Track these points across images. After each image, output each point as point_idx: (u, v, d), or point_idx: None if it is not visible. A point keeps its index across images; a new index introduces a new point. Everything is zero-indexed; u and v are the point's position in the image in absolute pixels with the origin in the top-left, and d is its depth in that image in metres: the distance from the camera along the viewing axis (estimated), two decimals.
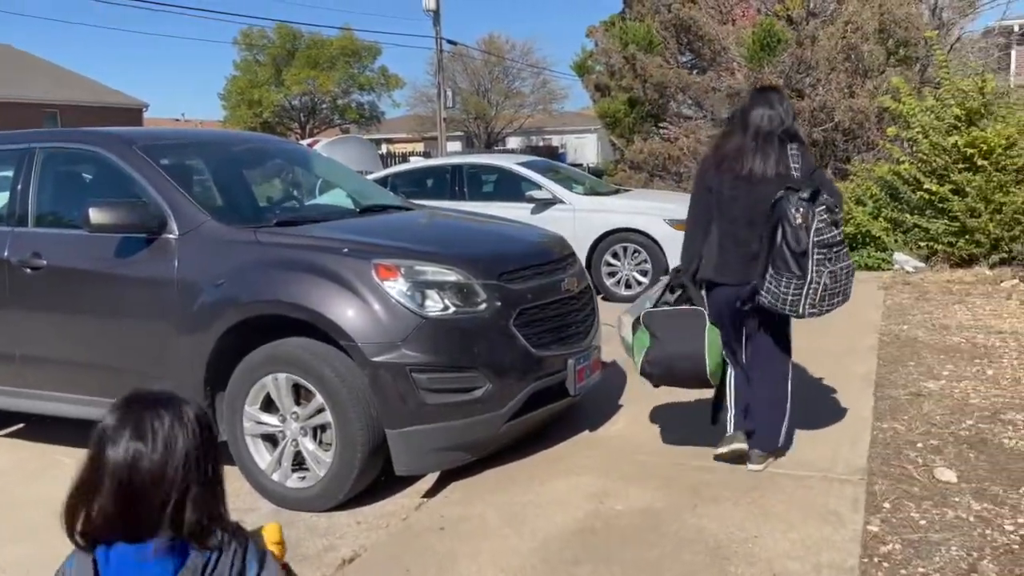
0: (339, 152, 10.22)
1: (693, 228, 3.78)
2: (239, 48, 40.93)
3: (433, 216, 4.87)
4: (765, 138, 3.54)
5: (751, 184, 3.53)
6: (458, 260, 3.83)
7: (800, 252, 3.38)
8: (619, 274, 8.69)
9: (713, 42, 13.19)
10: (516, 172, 9.16)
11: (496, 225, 4.79)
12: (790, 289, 3.42)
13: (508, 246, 4.25)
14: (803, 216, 3.37)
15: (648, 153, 13.19)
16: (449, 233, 4.47)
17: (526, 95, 52.41)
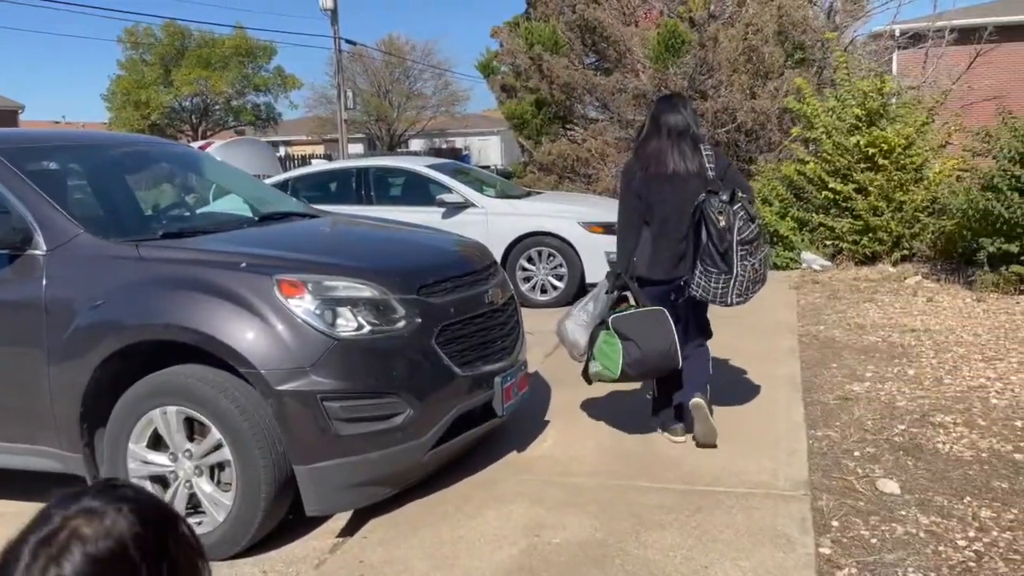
0: (234, 155, 9.60)
1: (626, 232, 4.00)
2: (124, 47, 38.83)
3: (342, 224, 4.47)
4: (679, 139, 3.86)
5: (676, 184, 3.82)
6: (373, 273, 3.47)
7: (724, 251, 3.74)
8: (534, 279, 8.45)
9: (618, 43, 13.16)
10: (425, 175, 8.80)
11: (412, 233, 4.44)
12: (719, 283, 3.80)
13: (427, 256, 3.91)
14: (725, 219, 3.72)
15: (556, 155, 13.04)
16: (361, 243, 4.09)
17: (428, 97, 51.98)
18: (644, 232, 3.92)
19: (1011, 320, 6.33)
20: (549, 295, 8.44)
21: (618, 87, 12.93)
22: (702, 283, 3.83)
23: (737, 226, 3.71)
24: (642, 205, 3.89)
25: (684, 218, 3.82)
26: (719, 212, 3.72)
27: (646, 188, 3.86)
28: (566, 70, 12.75)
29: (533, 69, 13.31)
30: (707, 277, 3.81)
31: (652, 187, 3.85)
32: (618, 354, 3.80)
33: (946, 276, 8.11)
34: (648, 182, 3.86)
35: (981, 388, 4.76)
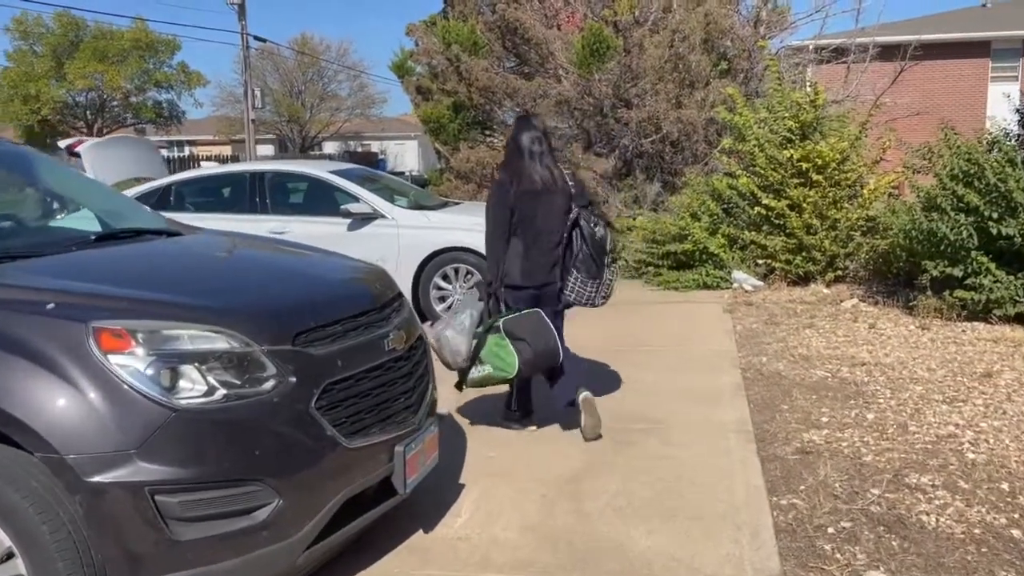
0: (109, 155, 8.48)
1: (497, 244, 4.22)
2: (12, 36, 36.16)
3: (208, 245, 3.58)
4: (542, 157, 4.20)
5: (545, 199, 4.16)
6: (232, 315, 2.63)
7: (599, 259, 4.24)
8: (450, 299, 7.66)
9: (540, 46, 12.52)
10: (329, 182, 7.90)
11: (295, 258, 3.59)
12: (591, 287, 4.29)
13: (309, 290, 3.06)
14: (598, 229, 4.24)
15: (475, 162, 12.29)
16: (224, 272, 3.19)
17: (343, 98, 50.66)
18: (514, 243, 4.20)
19: (961, 351, 5.90)
20: None
21: (540, 92, 12.28)
22: (578, 288, 4.28)
23: (609, 236, 4.31)
24: (513, 219, 4.16)
25: (555, 230, 4.22)
26: (594, 224, 4.23)
27: (518, 203, 4.14)
28: (485, 73, 12.02)
29: (451, 70, 12.53)
30: (582, 283, 4.27)
31: (524, 202, 4.14)
32: (512, 355, 4.08)
33: (883, 299, 7.72)
34: (520, 197, 4.14)
35: (952, 438, 4.22)
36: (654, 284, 9.19)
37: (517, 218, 4.15)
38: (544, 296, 4.29)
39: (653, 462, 4.02)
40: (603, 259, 4.27)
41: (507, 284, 4.22)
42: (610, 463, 4.04)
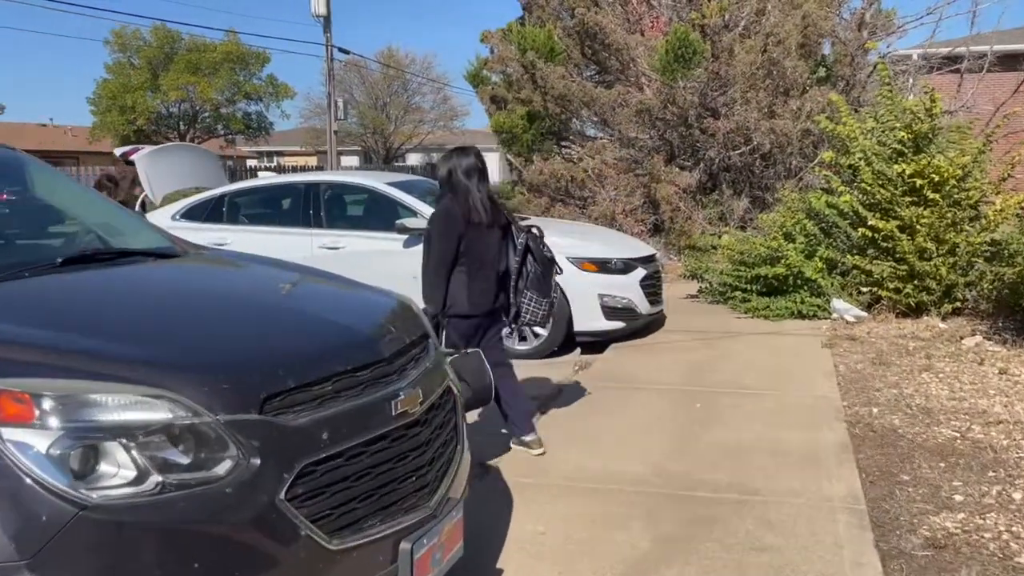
0: (165, 163, 8.16)
1: (441, 273, 4.21)
2: (111, 49, 37.50)
3: (194, 273, 2.96)
4: (481, 187, 4.24)
5: (488, 228, 4.24)
6: (180, 373, 1.99)
7: (548, 278, 4.41)
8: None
9: (620, 52, 11.77)
10: (385, 194, 7.33)
11: (296, 289, 2.93)
12: (543, 307, 4.40)
13: (295, 336, 2.39)
14: (547, 251, 4.41)
15: (549, 175, 11.61)
16: (191, 310, 2.49)
17: (426, 111, 50.95)
18: (458, 273, 4.22)
19: None
20: (530, 343, 6.97)
21: (619, 101, 11.52)
22: (532, 308, 4.39)
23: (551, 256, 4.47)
24: (458, 249, 4.19)
25: (496, 259, 4.31)
26: (543, 247, 4.40)
27: (467, 233, 4.18)
28: (562, 80, 11.34)
29: (525, 78, 11.91)
30: (537, 303, 4.38)
31: (471, 232, 4.20)
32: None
33: (1013, 338, 6.64)
34: (467, 228, 4.18)
35: None
36: (741, 311, 8.30)
37: (462, 248, 4.20)
38: (487, 324, 4.38)
39: (743, 555, 3.21)
40: (551, 279, 4.45)
41: (453, 314, 4.24)
42: (688, 549, 3.26)
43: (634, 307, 7.06)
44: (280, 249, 7.30)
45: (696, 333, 7.44)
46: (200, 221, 7.53)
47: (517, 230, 4.35)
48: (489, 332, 4.38)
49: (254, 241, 7.32)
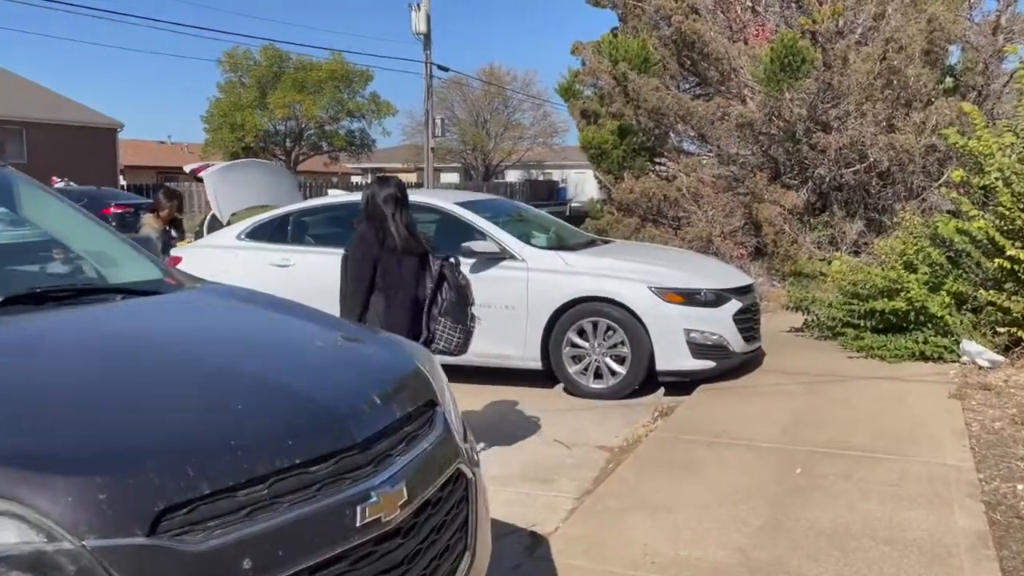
0: (234, 180, 7.89)
1: (356, 298, 4.31)
2: (223, 69, 38.97)
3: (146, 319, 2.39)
4: (401, 215, 4.42)
5: (403, 255, 4.38)
6: (34, 474, 1.44)
7: (466, 308, 4.51)
8: (587, 359, 6.29)
9: (721, 61, 10.93)
10: (452, 214, 6.79)
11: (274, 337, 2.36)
12: (457, 335, 4.48)
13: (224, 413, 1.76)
14: (461, 278, 4.53)
15: (640, 193, 10.87)
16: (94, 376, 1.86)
17: (526, 127, 50.84)
18: (375, 299, 4.31)
19: None
20: (605, 382, 6.27)
21: (719, 114, 10.68)
22: (447, 335, 4.42)
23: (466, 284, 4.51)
24: (375, 274, 4.29)
25: (412, 286, 4.37)
26: (458, 274, 4.49)
27: (384, 258, 4.30)
28: (655, 92, 10.60)
29: (617, 91, 11.22)
30: (451, 329, 4.42)
31: (386, 258, 4.30)
32: None
33: None
34: (384, 254, 4.30)
35: None
36: (853, 349, 7.32)
37: (379, 274, 4.32)
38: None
39: None
40: (467, 307, 4.49)
41: None
42: None
43: (726, 344, 6.25)
44: None
45: (798, 375, 6.55)
46: (264, 241, 7.18)
47: (433, 258, 4.47)
48: None
49: (317, 263, 6.91)
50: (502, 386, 6.61)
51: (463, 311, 4.47)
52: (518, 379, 6.59)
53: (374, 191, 4.45)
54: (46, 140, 31.37)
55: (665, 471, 4.47)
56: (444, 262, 4.48)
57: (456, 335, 4.45)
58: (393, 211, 4.38)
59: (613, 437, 5.36)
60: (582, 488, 4.44)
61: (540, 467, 4.80)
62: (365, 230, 4.42)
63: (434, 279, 4.42)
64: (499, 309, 6.36)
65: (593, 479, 4.59)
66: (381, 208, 4.38)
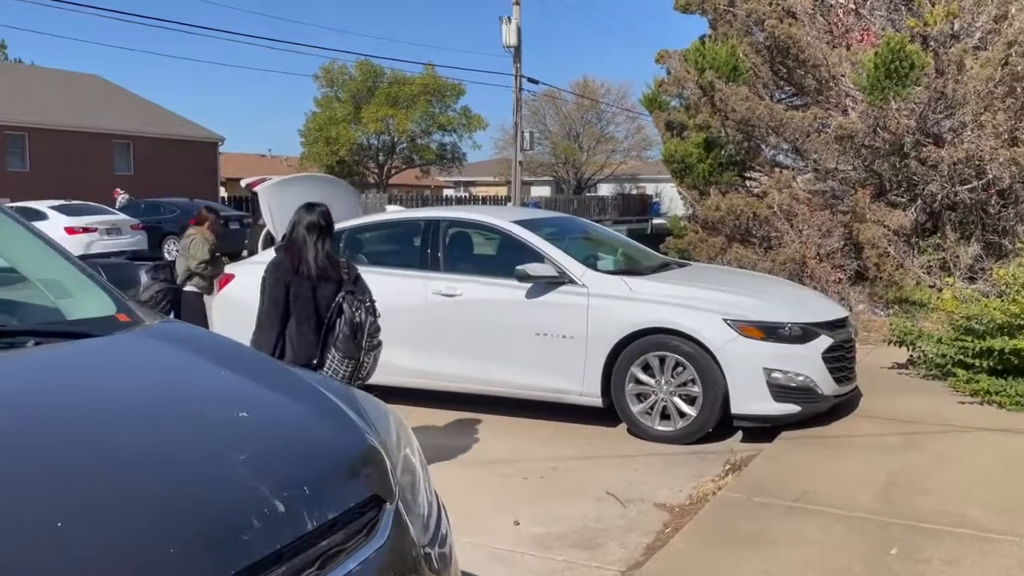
0: (290, 195, 7.54)
1: (270, 320, 4.41)
2: (320, 84, 39.83)
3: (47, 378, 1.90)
4: (321, 244, 4.44)
5: (318, 282, 4.43)
6: None
7: (356, 341, 4.44)
8: (653, 398, 5.63)
9: (820, 68, 10.04)
10: (509, 233, 6.26)
11: (182, 404, 1.86)
12: (347, 367, 4.43)
13: (43, 541, 1.29)
14: (359, 316, 4.46)
15: (727, 210, 10.07)
16: None
17: (619, 140, 50.08)
18: (289, 323, 4.41)
19: None
20: (672, 424, 5.60)
21: (816, 125, 9.79)
22: (333, 366, 4.43)
23: (368, 322, 4.49)
24: (288, 299, 4.39)
25: (323, 314, 4.43)
26: (355, 309, 4.47)
27: (296, 284, 4.40)
28: (745, 102, 9.81)
29: (703, 101, 10.47)
30: (339, 362, 4.44)
31: (299, 284, 4.40)
32: None
33: None
34: (297, 280, 4.40)
35: None
36: (965, 393, 6.37)
37: (291, 299, 4.40)
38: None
39: None
40: (360, 342, 4.48)
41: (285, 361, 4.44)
42: None
43: (813, 386, 5.48)
44: (394, 294, 6.42)
45: (900, 423, 5.69)
46: None
47: (345, 289, 4.49)
48: None
49: (370, 283, 6.50)
50: (559, 422, 6.04)
51: (353, 345, 4.48)
52: (577, 415, 6.00)
53: (299, 217, 4.53)
54: (152, 153, 32.65)
55: (730, 544, 3.78)
56: (346, 295, 4.50)
57: (343, 367, 4.46)
58: (315, 239, 4.44)
59: (676, 492, 4.70)
60: (631, 558, 3.81)
61: (588, 528, 4.20)
62: (281, 256, 4.55)
63: (332, 310, 4.45)
64: (556, 339, 5.79)
65: (645, 547, 3.95)
66: (303, 235, 4.46)
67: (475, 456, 5.39)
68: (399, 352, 6.32)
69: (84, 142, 30.62)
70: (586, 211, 40.00)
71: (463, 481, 4.86)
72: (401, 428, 2.04)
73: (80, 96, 33.75)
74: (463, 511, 4.29)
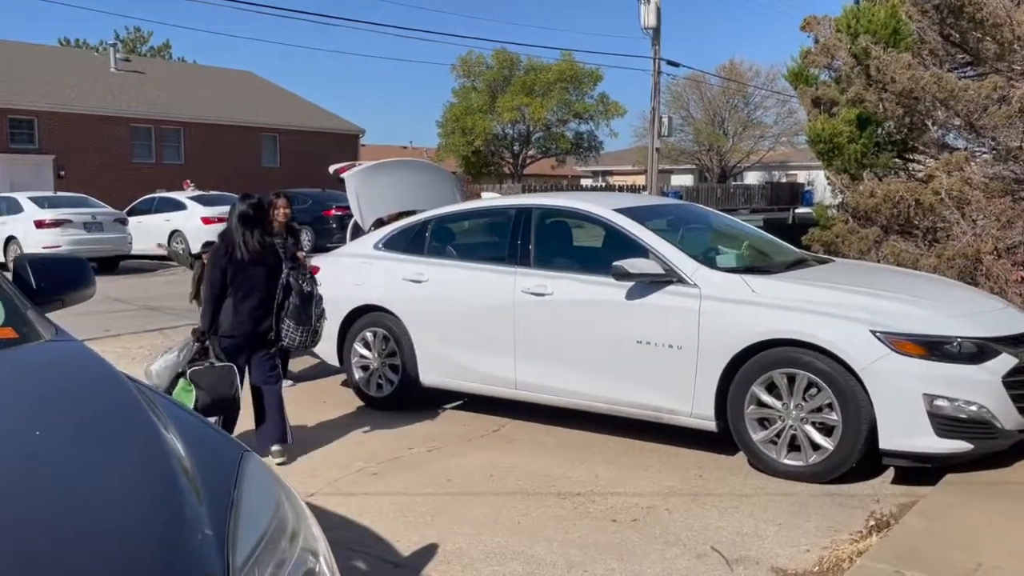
0: (382, 182, 7.02)
1: (215, 300, 4.92)
2: (456, 74, 39.84)
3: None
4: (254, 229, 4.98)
5: (252, 265, 4.95)
6: None
7: (308, 310, 5.09)
8: (778, 424, 4.61)
9: (1001, 29, 8.42)
10: (608, 223, 5.37)
11: None
12: (302, 334, 5.08)
13: None
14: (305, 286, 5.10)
15: (883, 197, 8.65)
16: None
17: (768, 126, 47.42)
18: (228, 300, 4.94)
19: None
20: (803, 458, 4.56)
21: (995, 97, 8.23)
22: (289, 333, 5.06)
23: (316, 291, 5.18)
24: (226, 280, 4.92)
25: (261, 290, 4.98)
26: (302, 282, 5.09)
27: (233, 267, 4.92)
28: (907, 71, 8.37)
29: (856, 71, 9.08)
30: (294, 329, 5.06)
31: (235, 267, 4.93)
32: (190, 400, 4.63)
33: None
34: (232, 263, 4.92)
35: None
36: None
37: (229, 279, 4.91)
38: (251, 344, 5.02)
39: None
40: (309, 310, 5.08)
41: (221, 334, 4.94)
42: None
43: (990, 418, 4.28)
44: (479, 292, 5.70)
45: None
46: (400, 252, 6.22)
47: (285, 267, 5.11)
48: (257, 352, 5.06)
49: (453, 280, 5.82)
50: (670, 445, 5.13)
51: (305, 313, 5.09)
52: (695, 438, 5.07)
53: (236, 206, 5.06)
54: (296, 146, 33.68)
55: None
56: (291, 271, 5.15)
57: (298, 334, 5.09)
58: (244, 228, 4.96)
59: (801, 552, 3.70)
60: None
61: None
62: (220, 240, 5.08)
63: (281, 286, 5.04)
64: (661, 348, 4.87)
65: None
66: (236, 222, 4.98)
67: (562, 485, 4.58)
68: (480, 356, 5.62)
69: (234, 136, 31.99)
70: (731, 200, 37.95)
71: (541, 520, 4.08)
72: (286, 535, 1.28)
73: (233, 92, 35.33)
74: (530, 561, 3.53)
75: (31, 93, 27.67)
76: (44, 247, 15.48)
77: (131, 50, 44.23)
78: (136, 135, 29.96)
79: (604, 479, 4.66)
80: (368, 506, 4.31)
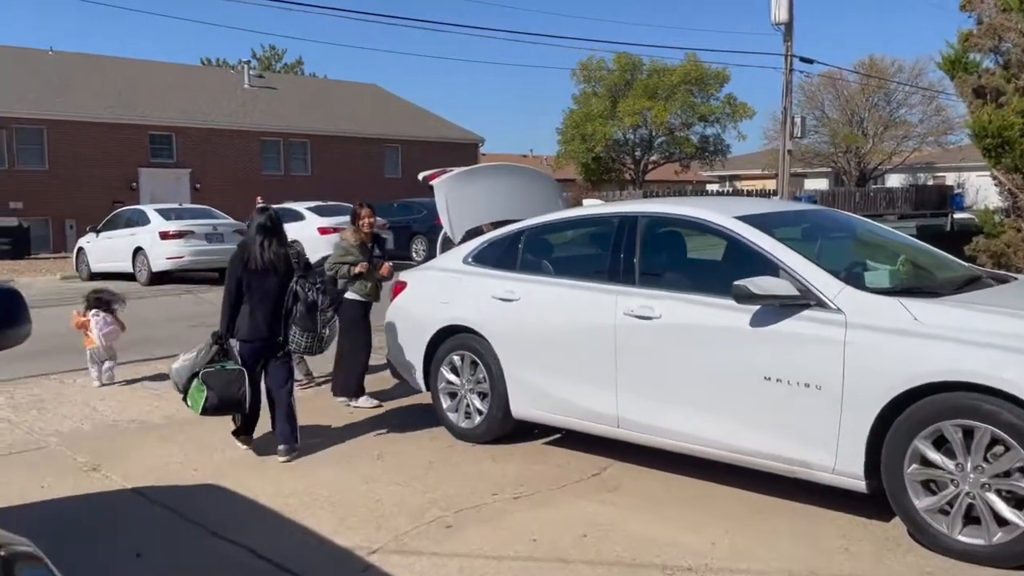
0: (474, 190, 6.37)
1: (231, 306, 5.23)
2: (577, 80, 39.09)
3: None
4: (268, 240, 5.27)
5: (267, 273, 5.25)
6: None
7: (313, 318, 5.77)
8: (951, 489, 3.61)
9: None
10: (729, 233, 4.47)
11: None
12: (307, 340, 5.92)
13: None
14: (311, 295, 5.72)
15: None
16: None
17: (912, 125, 44.05)
18: (244, 306, 5.23)
19: None
20: (984, 535, 3.55)
21: None
22: (295, 339, 5.76)
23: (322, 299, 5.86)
24: (242, 287, 5.22)
25: (274, 298, 5.30)
26: (308, 291, 5.72)
27: (248, 275, 5.22)
28: None
29: None
30: (300, 335, 5.80)
31: (250, 275, 5.22)
32: (201, 399, 5.06)
33: None
34: (248, 271, 5.22)
35: None
36: None
37: (245, 287, 5.21)
38: (268, 349, 5.32)
39: None
40: (315, 318, 5.78)
41: (239, 339, 5.25)
42: None
43: None
44: (574, 313, 4.83)
45: None
46: (491, 267, 5.56)
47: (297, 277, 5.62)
48: (273, 357, 5.36)
49: (545, 299, 5.09)
50: (806, 504, 4.20)
51: (311, 320, 5.74)
52: (834, 493, 4.13)
53: (253, 218, 5.35)
54: (417, 156, 33.89)
55: None
56: (299, 280, 5.63)
57: (304, 339, 5.86)
58: (261, 239, 5.24)
59: None
60: None
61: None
62: (238, 250, 5.39)
63: (289, 295, 5.44)
64: (794, 387, 3.96)
65: None
66: (253, 233, 5.28)
67: (669, 555, 3.74)
68: (577, 387, 4.84)
69: (358, 147, 32.54)
70: (871, 205, 35.24)
71: None
72: None
73: (358, 105, 36.03)
74: None
75: (170, 110, 29.05)
76: (168, 258, 15.93)
77: (266, 67, 46.06)
78: (266, 148, 30.94)
79: (722, 549, 3.79)
80: (433, 572, 3.63)
